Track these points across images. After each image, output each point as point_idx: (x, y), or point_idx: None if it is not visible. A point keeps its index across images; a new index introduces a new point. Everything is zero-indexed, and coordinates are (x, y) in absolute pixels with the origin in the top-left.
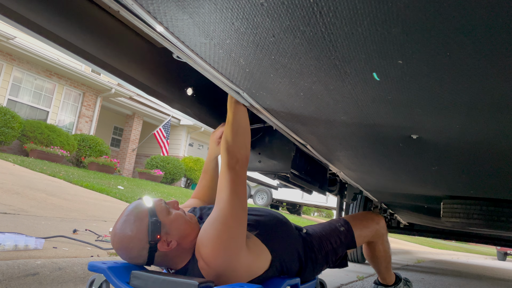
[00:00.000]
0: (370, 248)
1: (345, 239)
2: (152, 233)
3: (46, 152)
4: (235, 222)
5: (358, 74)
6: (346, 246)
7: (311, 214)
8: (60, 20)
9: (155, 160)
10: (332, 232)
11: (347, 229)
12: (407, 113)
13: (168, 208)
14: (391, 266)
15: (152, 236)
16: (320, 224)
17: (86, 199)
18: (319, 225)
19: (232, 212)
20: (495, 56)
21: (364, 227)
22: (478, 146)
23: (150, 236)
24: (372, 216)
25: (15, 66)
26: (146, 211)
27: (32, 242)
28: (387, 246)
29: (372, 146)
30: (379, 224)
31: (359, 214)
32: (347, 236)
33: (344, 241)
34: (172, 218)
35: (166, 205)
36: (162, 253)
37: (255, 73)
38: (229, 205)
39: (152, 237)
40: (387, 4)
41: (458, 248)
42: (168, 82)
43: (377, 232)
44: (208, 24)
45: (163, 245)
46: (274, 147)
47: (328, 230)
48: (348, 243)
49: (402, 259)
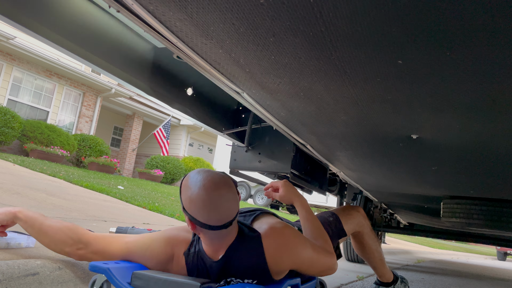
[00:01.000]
0: (358, 240)
1: (335, 228)
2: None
3: (46, 152)
4: (316, 261)
5: (358, 74)
6: (337, 235)
7: None
8: (60, 20)
9: (155, 160)
10: (323, 223)
11: (335, 219)
12: (407, 113)
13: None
14: (389, 266)
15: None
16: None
17: (86, 199)
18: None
19: (323, 259)
20: (495, 56)
21: (348, 215)
22: (478, 146)
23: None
24: (351, 207)
25: (15, 66)
26: (225, 175)
27: (24, 240)
28: (373, 235)
29: (372, 146)
30: (360, 212)
31: (341, 207)
32: (337, 225)
33: (335, 230)
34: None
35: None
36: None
37: (255, 73)
38: (325, 254)
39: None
40: (387, 4)
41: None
42: (168, 82)
43: (359, 221)
44: (208, 24)
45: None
46: (274, 147)
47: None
48: (339, 232)
49: (402, 259)
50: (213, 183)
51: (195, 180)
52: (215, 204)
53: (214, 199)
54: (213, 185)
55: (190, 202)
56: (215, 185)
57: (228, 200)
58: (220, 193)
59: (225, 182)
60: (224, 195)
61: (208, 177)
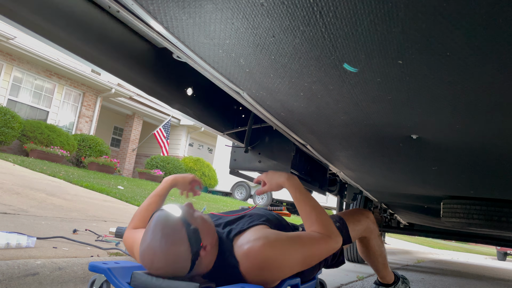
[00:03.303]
0: (363, 245)
1: (341, 234)
2: (196, 241)
3: (46, 152)
4: (312, 257)
5: (358, 74)
6: (342, 242)
7: None
8: (60, 20)
9: (155, 160)
10: None
11: (342, 224)
12: (407, 113)
13: (192, 213)
14: (389, 266)
15: (196, 244)
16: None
17: (86, 199)
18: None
19: (320, 247)
20: (495, 56)
21: (356, 221)
22: (478, 146)
23: (194, 245)
24: (361, 211)
25: (15, 66)
26: (180, 221)
27: (24, 240)
28: (380, 241)
29: (372, 146)
30: (369, 218)
31: (350, 210)
32: (342, 231)
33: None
34: (200, 221)
35: (191, 209)
36: (199, 260)
37: (255, 73)
38: (320, 242)
39: (196, 246)
40: (387, 4)
41: (458, 248)
42: (168, 82)
43: (368, 226)
44: (208, 24)
45: (203, 251)
46: (274, 147)
47: None
48: (344, 238)
49: (402, 259)
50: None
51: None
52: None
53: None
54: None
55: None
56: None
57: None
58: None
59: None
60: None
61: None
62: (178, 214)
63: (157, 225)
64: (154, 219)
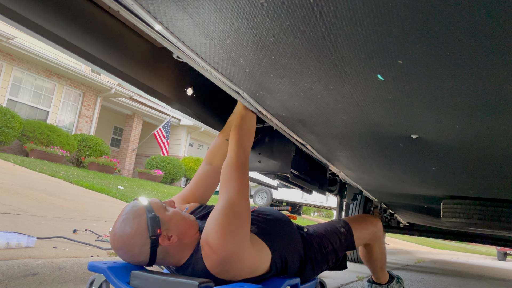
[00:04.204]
0: (367, 250)
1: (345, 240)
2: (152, 227)
3: (46, 152)
4: (244, 211)
5: (358, 74)
6: (345, 247)
7: (311, 214)
8: (60, 20)
9: (155, 160)
10: (333, 232)
11: (347, 230)
12: (407, 113)
13: (164, 206)
14: (389, 265)
15: (153, 230)
16: (321, 224)
17: (86, 199)
18: (319, 225)
19: (241, 201)
20: (495, 56)
21: (363, 229)
22: (478, 146)
23: (150, 231)
24: (370, 219)
25: (15, 66)
26: (143, 208)
27: (24, 240)
28: (383, 248)
29: (372, 146)
30: (377, 227)
31: (358, 216)
32: (347, 237)
33: (344, 242)
34: (170, 214)
35: (163, 203)
36: (164, 249)
37: (255, 73)
38: (238, 194)
39: (152, 232)
40: (387, 4)
41: (458, 248)
42: (168, 82)
43: (375, 234)
44: (208, 24)
45: (164, 239)
46: (274, 147)
47: (329, 231)
48: (348, 245)
49: (402, 259)
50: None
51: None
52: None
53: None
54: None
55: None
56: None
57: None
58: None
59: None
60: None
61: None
62: (144, 203)
63: (123, 210)
64: (126, 206)
